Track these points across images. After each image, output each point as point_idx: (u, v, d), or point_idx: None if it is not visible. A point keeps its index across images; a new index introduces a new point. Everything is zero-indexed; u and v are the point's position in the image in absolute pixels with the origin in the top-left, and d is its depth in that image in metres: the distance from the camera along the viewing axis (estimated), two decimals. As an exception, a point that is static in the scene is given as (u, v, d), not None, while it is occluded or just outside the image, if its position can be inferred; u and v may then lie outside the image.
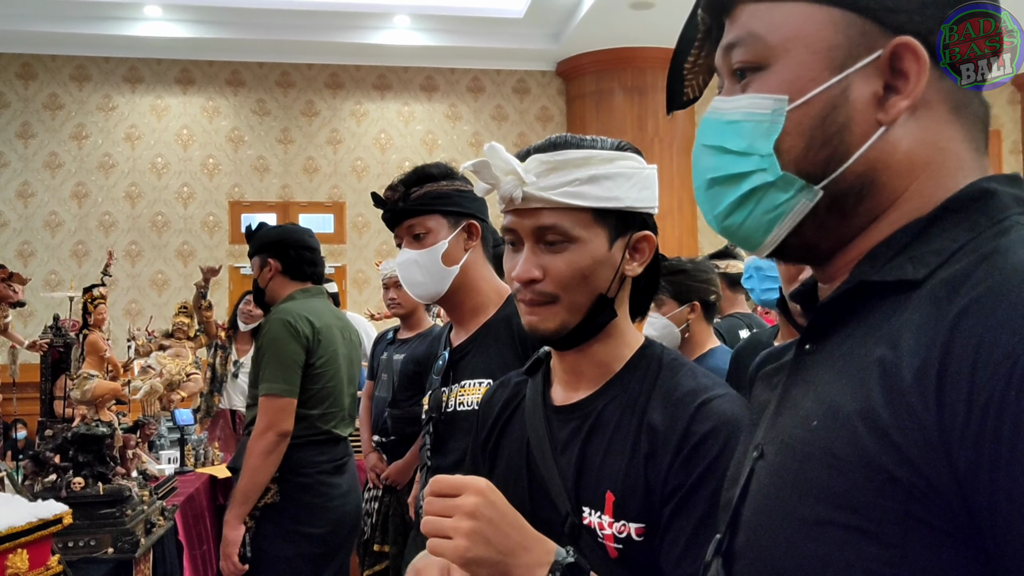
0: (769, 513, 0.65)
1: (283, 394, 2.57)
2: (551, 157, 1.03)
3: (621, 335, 1.10)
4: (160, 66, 8.31)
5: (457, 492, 0.88)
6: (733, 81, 0.71)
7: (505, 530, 0.87)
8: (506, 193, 1.03)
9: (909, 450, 0.55)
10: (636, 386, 1.06)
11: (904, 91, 0.65)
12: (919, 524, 0.55)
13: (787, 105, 0.66)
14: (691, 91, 0.81)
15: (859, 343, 0.62)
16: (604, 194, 1.03)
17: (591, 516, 1.02)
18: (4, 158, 8.02)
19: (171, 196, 8.29)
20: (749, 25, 0.69)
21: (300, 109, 8.54)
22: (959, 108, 0.67)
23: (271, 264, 2.79)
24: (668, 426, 1.00)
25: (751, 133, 0.68)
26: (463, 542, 0.85)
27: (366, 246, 8.56)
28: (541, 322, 1.06)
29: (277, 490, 2.62)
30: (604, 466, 1.02)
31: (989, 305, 0.54)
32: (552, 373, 1.16)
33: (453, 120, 8.78)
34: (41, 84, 8.13)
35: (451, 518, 0.86)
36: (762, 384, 0.78)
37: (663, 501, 0.98)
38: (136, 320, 7.25)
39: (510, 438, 1.16)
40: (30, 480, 2.65)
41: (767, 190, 0.68)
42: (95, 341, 2.80)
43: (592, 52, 8.24)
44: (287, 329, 2.61)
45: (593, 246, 1.04)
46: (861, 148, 0.65)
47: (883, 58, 0.65)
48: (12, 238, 7.98)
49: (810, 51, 0.66)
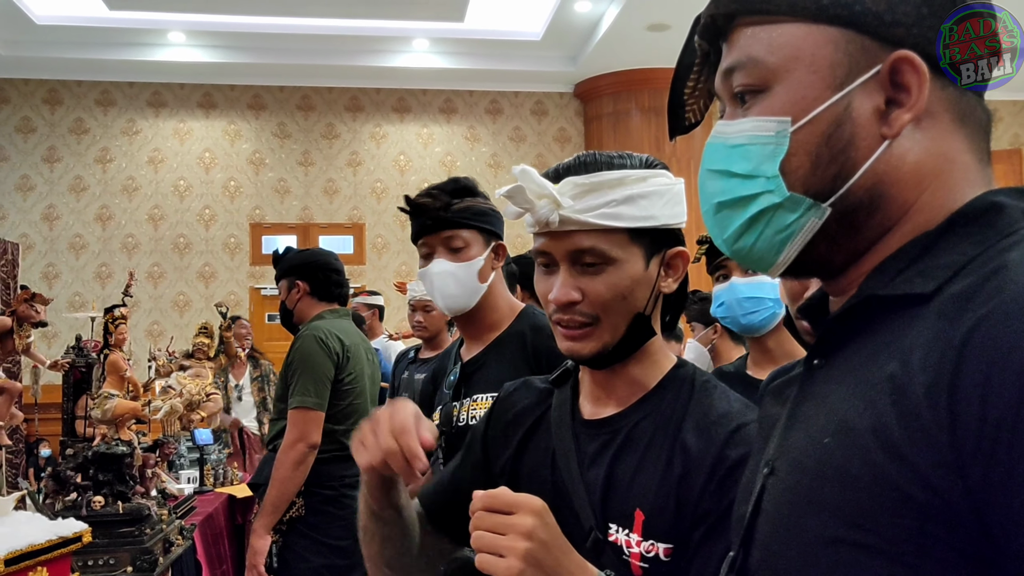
0: (783, 531, 0.64)
1: (313, 407, 2.64)
2: (586, 180, 1.02)
3: (655, 353, 1.09)
4: (183, 90, 8.44)
5: (512, 510, 0.87)
6: (735, 104, 0.71)
7: (556, 554, 0.87)
8: (542, 217, 1.02)
9: (922, 468, 0.54)
10: (669, 405, 1.05)
11: (906, 104, 0.65)
12: (933, 543, 0.54)
13: (791, 126, 0.66)
14: (692, 115, 0.81)
15: (869, 359, 0.61)
16: (640, 214, 1.03)
17: (618, 533, 1.00)
18: (31, 181, 8.16)
19: (193, 218, 8.39)
20: (747, 49, 0.69)
21: (321, 132, 8.63)
22: (963, 118, 0.67)
23: (299, 286, 2.90)
24: (702, 449, 0.99)
25: (756, 156, 0.68)
26: (517, 564, 0.84)
27: (385, 267, 8.60)
28: (582, 346, 1.04)
29: (303, 504, 2.68)
30: (634, 484, 1.01)
31: (998, 323, 0.53)
32: (580, 385, 1.15)
33: (472, 142, 8.83)
34: (67, 109, 8.28)
35: (505, 536, 0.86)
36: (771, 398, 0.77)
37: (694, 524, 0.97)
38: (158, 341, 7.33)
39: (535, 448, 1.14)
40: (51, 499, 2.67)
41: (775, 211, 0.68)
42: (115, 361, 2.83)
43: (609, 74, 8.28)
44: (319, 345, 2.70)
45: (630, 266, 1.04)
46: (867, 163, 0.65)
47: (883, 72, 0.65)
48: (37, 260, 8.10)
49: (811, 71, 0.66)
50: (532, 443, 1.15)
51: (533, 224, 1.04)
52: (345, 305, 3.00)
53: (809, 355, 0.71)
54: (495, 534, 0.86)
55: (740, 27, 0.70)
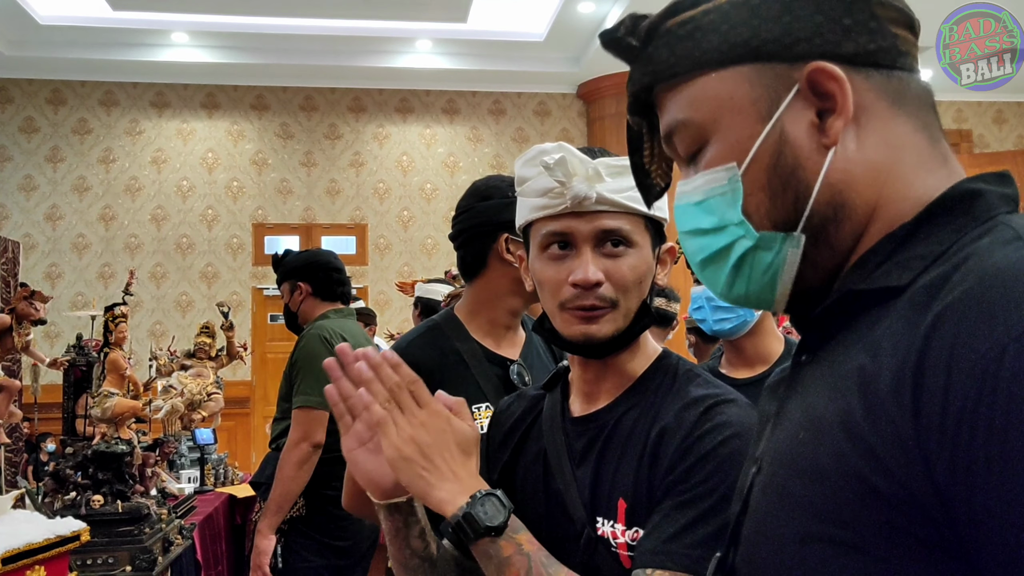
0: (762, 528, 0.64)
1: (318, 406, 2.63)
2: (616, 161, 1.04)
3: (643, 344, 1.11)
4: (186, 91, 8.44)
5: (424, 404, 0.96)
6: (685, 164, 0.73)
7: (445, 454, 0.94)
8: (579, 192, 1.02)
9: (888, 460, 0.54)
10: (652, 396, 1.05)
11: (836, 110, 0.65)
12: (903, 536, 0.53)
13: (738, 170, 0.67)
14: (660, 180, 0.82)
15: (844, 353, 0.61)
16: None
17: (604, 526, 1.00)
18: (34, 181, 8.17)
19: (196, 219, 8.39)
20: (675, 113, 0.71)
21: (323, 132, 8.63)
22: (899, 99, 0.67)
23: (302, 288, 2.92)
24: (675, 428, 0.99)
25: (718, 207, 0.69)
26: (402, 442, 0.94)
27: (388, 268, 8.59)
28: (600, 329, 1.04)
29: (304, 503, 2.68)
30: (617, 474, 1.01)
31: (963, 309, 0.52)
32: (571, 385, 1.15)
33: (475, 143, 8.83)
34: (71, 109, 8.29)
35: (404, 415, 0.95)
36: (766, 396, 0.77)
37: (662, 497, 0.96)
38: (160, 341, 7.32)
39: (527, 452, 1.14)
40: (50, 497, 2.67)
41: (754, 254, 0.68)
42: (115, 360, 2.82)
43: (613, 74, 8.26)
44: (324, 344, 2.70)
45: (646, 252, 1.06)
46: (818, 178, 0.65)
47: (803, 89, 0.66)
48: (40, 260, 8.10)
49: (736, 113, 0.68)
50: (525, 447, 1.15)
51: (558, 203, 1.04)
52: (348, 304, 3.00)
53: (796, 352, 0.71)
54: (399, 410, 0.95)
55: (661, 94, 0.73)
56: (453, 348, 1.63)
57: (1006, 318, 0.50)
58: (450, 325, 1.67)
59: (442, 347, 1.63)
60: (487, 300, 1.67)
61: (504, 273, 1.64)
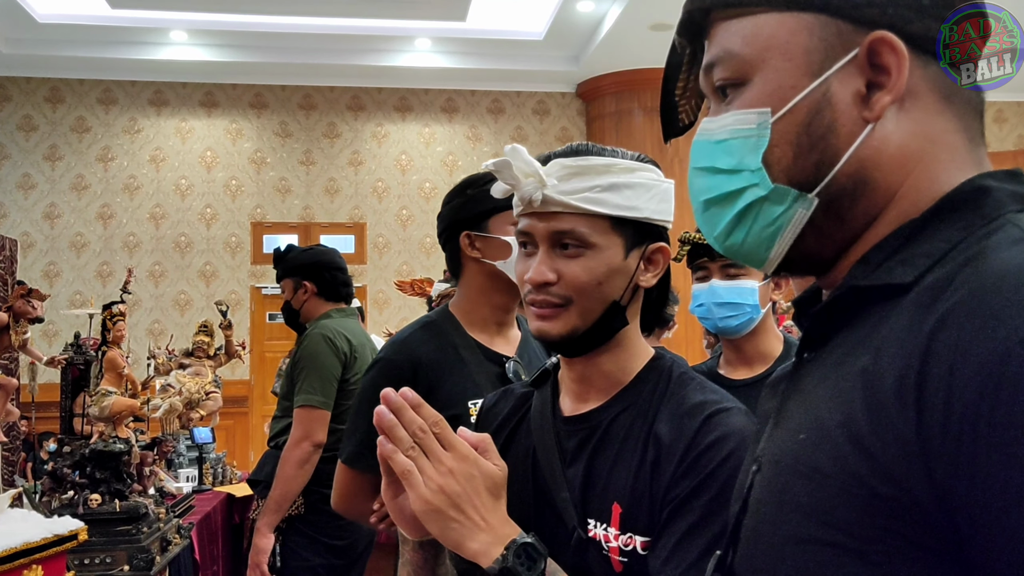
0: (760, 529, 0.64)
1: (320, 406, 2.64)
2: (573, 162, 1.03)
3: (631, 346, 1.09)
4: (185, 89, 8.43)
5: (449, 447, 0.91)
6: (718, 100, 0.71)
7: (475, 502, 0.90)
8: (526, 195, 1.03)
9: (890, 464, 0.53)
10: (646, 398, 1.05)
11: (887, 86, 0.63)
12: (902, 541, 0.53)
13: (771, 117, 0.66)
14: (685, 116, 0.81)
15: (848, 352, 0.60)
16: (623, 203, 1.03)
17: (596, 528, 1.00)
18: (32, 180, 8.16)
19: (194, 217, 8.38)
20: (724, 43, 0.69)
21: (322, 131, 8.62)
22: (949, 96, 0.65)
23: (307, 286, 2.91)
24: (674, 438, 0.98)
25: (739, 150, 0.67)
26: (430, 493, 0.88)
27: (386, 266, 8.59)
28: (551, 327, 1.04)
29: (302, 502, 2.68)
30: (611, 478, 1.01)
31: (966, 311, 0.52)
32: (560, 383, 1.14)
33: (474, 141, 8.82)
34: (69, 108, 8.28)
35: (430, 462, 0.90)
36: (768, 393, 0.76)
37: (663, 508, 0.96)
38: (159, 340, 7.32)
39: (516, 450, 1.13)
40: (48, 496, 2.66)
41: (762, 204, 0.67)
42: (113, 358, 2.82)
43: (612, 73, 8.27)
44: (327, 344, 2.70)
45: (609, 254, 1.03)
46: (850, 149, 0.64)
47: (861, 56, 0.64)
48: (38, 259, 8.09)
49: (786, 59, 0.65)
50: (513, 445, 1.14)
51: (519, 202, 1.05)
52: (350, 303, 3.00)
53: (799, 349, 0.70)
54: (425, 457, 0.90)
55: (717, 21, 0.70)
56: (451, 343, 1.64)
57: (1011, 321, 0.49)
58: (446, 321, 1.69)
59: (439, 342, 1.64)
60: (474, 297, 1.69)
61: (479, 270, 1.65)
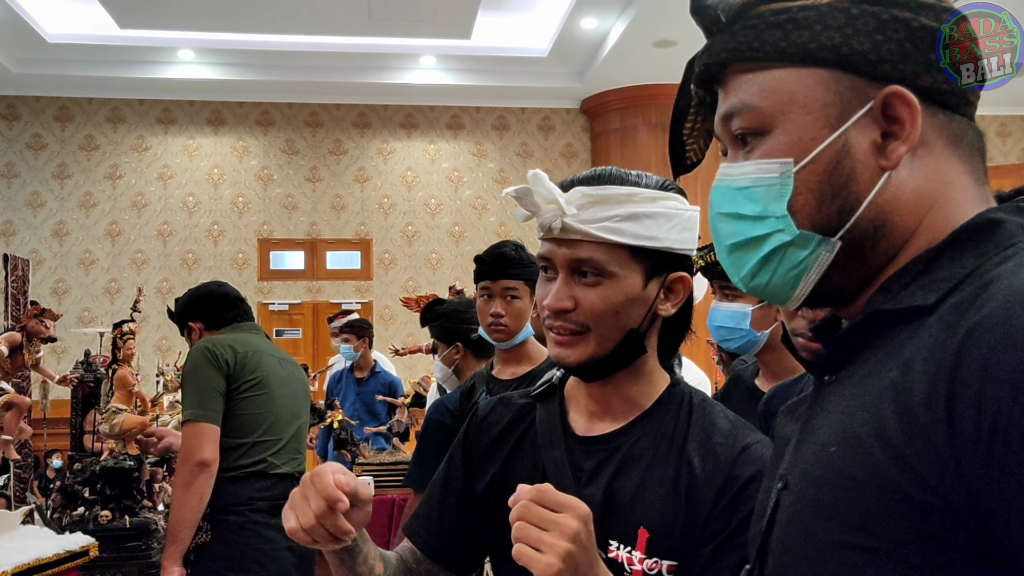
0: (793, 540, 0.66)
1: (198, 419, 2.46)
2: (594, 191, 1.03)
3: (649, 372, 1.10)
4: (192, 107, 8.50)
5: (559, 509, 0.87)
6: (736, 147, 0.74)
7: (592, 562, 0.87)
8: (546, 222, 1.03)
9: (923, 470, 0.56)
10: (670, 424, 1.06)
11: (901, 136, 0.67)
12: (937, 543, 0.55)
13: (793, 167, 0.69)
14: (693, 155, 0.84)
15: (875, 370, 0.63)
16: (643, 232, 1.03)
17: (620, 551, 1.00)
18: (41, 198, 8.22)
19: (201, 234, 8.42)
20: (743, 95, 0.72)
21: (328, 148, 8.67)
22: (956, 141, 0.69)
23: (193, 327, 2.84)
24: (709, 468, 1.00)
25: (763, 197, 0.70)
26: (556, 562, 0.84)
27: (392, 282, 8.61)
28: (568, 353, 1.05)
29: (208, 528, 2.47)
30: (638, 502, 1.01)
31: (993, 325, 0.56)
32: (568, 401, 1.15)
33: (479, 158, 8.86)
34: (78, 126, 8.35)
35: (549, 532, 0.85)
36: (785, 417, 0.79)
37: (704, 541, 0.98)
38: (167, 356, 7.34)
39: (522, 463, 1.14)
40: (58, 513, 2.67)
41: (787, 249, 0.70)
42: (123, 376, 2.84)
43: (616, 89, 8.31)
44: (204, 356, 2.57)
45: (627, 283, 1.04)
46: (869, 195, 0.68)
47: (876, 108, 0.68)
48: (47, 276, 8.14)
49: (806, 112, 0.69)
50: (518, 458, 1.14)
51: (539, 228, 1.06)
52: (244, 322, 2.84)
53: (820, 372, 0.73)
54: (539, 529, 0.86)
55: (733, 74, 0.73)
56: None
57: None
58: None
59: None
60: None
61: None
